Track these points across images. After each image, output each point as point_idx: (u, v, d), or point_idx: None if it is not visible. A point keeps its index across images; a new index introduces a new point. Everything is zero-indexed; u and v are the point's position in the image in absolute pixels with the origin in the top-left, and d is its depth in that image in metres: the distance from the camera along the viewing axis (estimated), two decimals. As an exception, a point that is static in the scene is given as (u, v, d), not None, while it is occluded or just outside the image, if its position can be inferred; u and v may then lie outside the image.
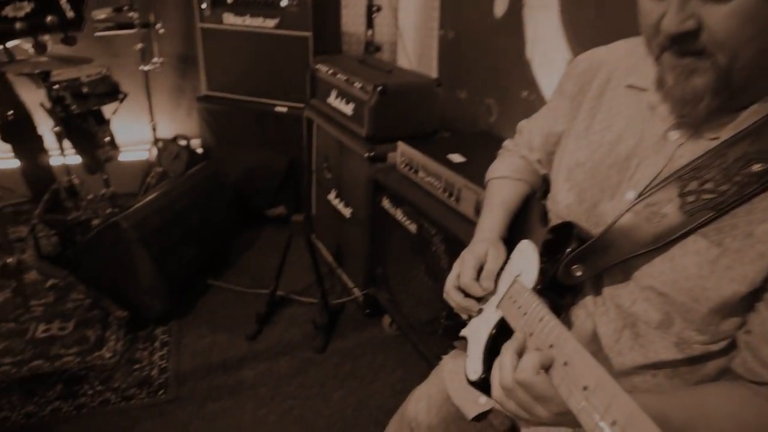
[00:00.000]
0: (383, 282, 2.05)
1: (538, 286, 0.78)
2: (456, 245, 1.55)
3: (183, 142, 3.02)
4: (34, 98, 2.49)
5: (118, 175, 2.82)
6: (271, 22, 2.52)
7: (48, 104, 2.40)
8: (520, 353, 0.68)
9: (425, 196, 1.70)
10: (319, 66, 2.29)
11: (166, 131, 3.13)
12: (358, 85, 2.00)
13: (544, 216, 0.97)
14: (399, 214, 1.81)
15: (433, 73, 2.80)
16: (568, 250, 0.77)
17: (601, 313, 0.80)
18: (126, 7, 2.40)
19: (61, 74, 2.39)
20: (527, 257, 0.85)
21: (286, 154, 2.71)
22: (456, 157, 1.71)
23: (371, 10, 2.85)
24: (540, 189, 1.09)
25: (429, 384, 1.14)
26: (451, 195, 1.60)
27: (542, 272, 0.79)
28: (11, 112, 2.24)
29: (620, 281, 0.77)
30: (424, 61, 3.04)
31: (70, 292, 2.29)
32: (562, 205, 0.89)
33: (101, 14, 2.39)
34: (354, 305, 2.29)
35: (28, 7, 0.82)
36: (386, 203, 1.88)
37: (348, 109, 2.09)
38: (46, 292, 2.30)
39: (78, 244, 2.13)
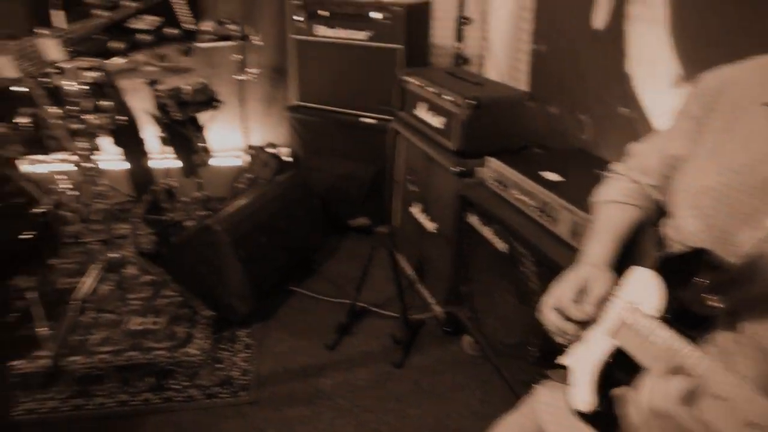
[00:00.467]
0: (466, 300, 2.00)
1: (666, 315, 0.72)
2: (549, 267, 1.48)
3: (272, 150, 3.12)
4: (138, 105, 2.68)
5: (209, 179, 2.96)
6: (362, 35, 2.56)
7: (153, 111, 2.57)
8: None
9: (517, 215, 1.64)
10: (408, 78, 2.28)
11: (256, 139, 3.25)
12: (448, 98, 1.98)
13: (659, 243, 0.91)
14: (487, 232, 1.76)
15: (523, 87, 2.72)
16: (701, 279, 0.71)
17: (737, 352, 0.73)
18: (227, 21, 2.52)
19: (165, 83, 2.54)
20: (646, 285, 0.79)
21: (372, 165, 2.72)
22: (551, 176, 1.64)
23: (461, 23, 2.83)
24: (654, 215, 1.01)
25: (520, 414, 1.09)
26: (546, 215, 1.53)
27: (669, 301, 0.73)
28: (124, 117, 2.41)
29: (763, 317, 0.70)
30: (513, 74, 2.96)
31: (164, 289, 2.41)
32: (686, 232, 0.82)
33: (205, 27, 2.52)
34: (433, 321, 2.25)
35: (153, 21, 0.86)
36: (474, 220, 1.83)
37: (437, 122, 2.07)
38: (142, 288, 2.43)
39: (173, 244, 2.23)
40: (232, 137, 3.20)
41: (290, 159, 3.07)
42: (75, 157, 2.19)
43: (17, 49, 0.85)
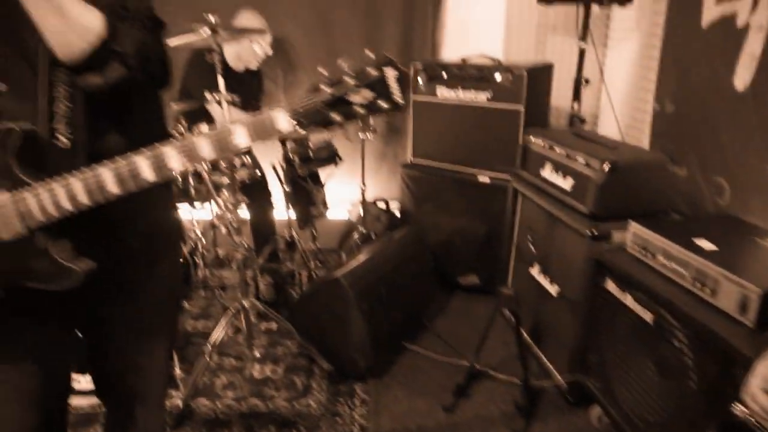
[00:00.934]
0: (595, 369, 1.89)
1: None
2: (708, 343, 1.37)
3: (382, 205, 3.20)
4: (266, 159, 2.87)
5: (322, 231, 3.08)
6: (483, 96, 2.61)
7: (282, 165, 2.73)
8: None
9: (666, 284, 1.55)
10: (532, 138, 2.28)
11: (367, 194, 3.35)
12: (581, 160, 1.95)
13: None
14: (628, 300, 1.67)
15: (645, 147, 2.64)
16: None
17: None
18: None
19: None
20: None
21: (484, 223, 2.71)
22: (704, 243, 1.54)
23: (579, 83, 2.82)
24: None
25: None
26: (703, 286, 1.43)
27: None
28: (258, 172, 2.59)
29: None
30: (632, 133, 2.88)
31: (282, 338, 2.48)
32: None
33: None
34: (555, 389, 2.13)
35: (368, 95, 0.92)
36: (611, 286, 1.75)
37: (566, 183, 2.04)
38: (261, 335, 2.52)
39: (299, 294, 2.31)
40: (345, 191, 3.32)
41: (400, 214, 3.13)
42: (217, 208, 2.36)
43: (252, 120, 0.94)
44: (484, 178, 2.70)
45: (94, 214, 0.98)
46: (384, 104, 0.94)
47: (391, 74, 0.94)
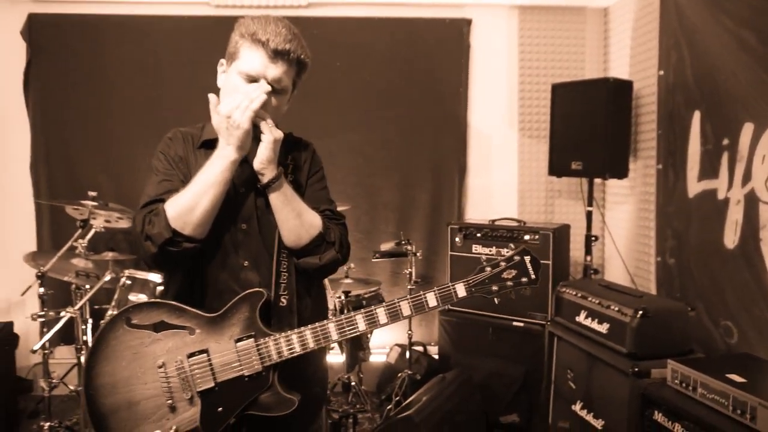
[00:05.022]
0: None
1: None
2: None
3: (420, 348, 3.49)
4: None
5: (365, 373, 3.31)
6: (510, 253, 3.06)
7: (335, 310, 3.06)
8: None
9: (710, 413, 1.85)
10: (565, 290, 2.69)
11: (403, 337, 3.64)
12: (614, 307, 2.34)
13: None
14: (677, 429, 1.95)
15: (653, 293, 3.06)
16: None
17: None
18: (403, 241, 3.13)
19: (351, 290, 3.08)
20: None
21: (521, 364, 3.00)
22: (734, 377, 1.88)
23: (589, 240, 3.33)
24: None
25: None
26: (743, 413, 1.74)
27: None
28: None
29: None
30: (640, 282, 3.33)
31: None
32: None
33: (386, 246, 3.13)
34: None
35: (514, 273, 1.33)
36: (660, 417, 2.04)
37: (602, 327, 2.41)
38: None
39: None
40: (384, 335, 3.61)
41: (439, 357, 3.40)
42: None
43: (441, 289, 1.33)
44: (518, 323, 3.06)
45: (299, 358, 1.32)
46: (524, 279, 1.34)
47: (527, 259, 1.35)
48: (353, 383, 3.04)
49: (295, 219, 1.35)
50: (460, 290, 1.34)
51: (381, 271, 3.66)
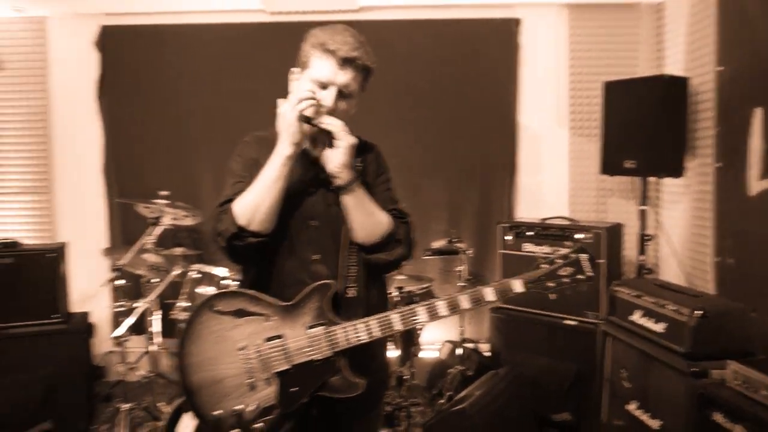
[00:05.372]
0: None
1: None
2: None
3: (471, 345, 3.53)
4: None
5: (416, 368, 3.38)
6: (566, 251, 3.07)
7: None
8: None
9: (772, 414, 1.84)
10: (619, 288, 2.69)
11: (454, 334, 3.69)
12: (671, 307, 2.33)
13: None
14: (739, 430, 1.94)
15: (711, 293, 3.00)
16: None
17: None
18: (454, 239, 3.19)
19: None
20: None
21: (573, 362, 3.01)
22: (798, 379, 1.85)
23: (643, 239, 3.29)
24: None
25: None
26: (808, 415, 1.72)
27: None
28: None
29: None
30: (696, 282, 3.27)
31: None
32: None
33: (437, 244, 3.20)
34: None
35: (571, 270, 1.39)
36: (719, 418, 2.02)
37: (658, 327, 2.40)
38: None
39: (425, 424, 2.58)
40: (436, 331, 3.68)
41: (489, 354, 3.45)
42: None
43: (499, 284, 1.39)
44: (570, 322, 3.06)
45: (364, 347, 1.41)
46: (580, 276, 1.38)
47: (583, 257, 1.40)
48: (406, 377, 3.11)
49: (367, 218, 1.45)
50: (517, 285, 1.40)
51: (431, 269, 3.73)
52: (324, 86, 1.46)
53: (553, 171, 3.88)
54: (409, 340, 3.17)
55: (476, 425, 2.37)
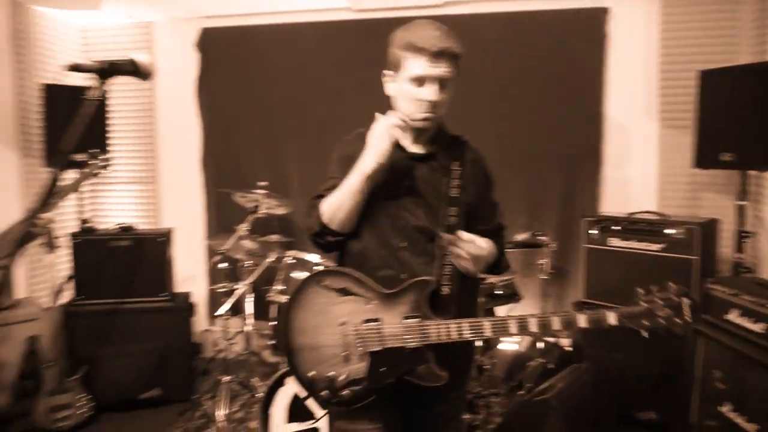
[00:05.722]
0: None
1: None
2: None
3: (551, 339, 3.53)
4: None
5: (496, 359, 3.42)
6: (655, 247, 3.00)
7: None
8: None
9: None
10: (714, 286, 2.60)
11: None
12: (773, 307, 2.23)
13: None
14: None
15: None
16: None
17: None
18: (537, 232, 3.19)
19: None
20: None
21: (660, 361, 2.94)
22: None
23: (741, 236, 3.14)
24: None
25: None
26: None
27: None
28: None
29: None
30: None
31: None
32: None
33: (520, 236, 3.22)
34: None
35: (669, 313, 1.41)
36: (825, 422, 1.94)
37: (757, 327, 2.31)
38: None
39: (506, 413, 2.63)
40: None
41: (571, 349, 3.42)
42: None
43: (592, 314, 1.43)
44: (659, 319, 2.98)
45: (452, 345, 1.49)
46: (677, 320, 1.38)
47: (685, 302, 1.40)
48: (486, 366, 3.16)
49: (478, 264, 1.57)
50: (611, 318, 1.44)
51: (512, 261, 3.72)
52: (422, 82, 1.54)
53: (641, 164, 3.76)
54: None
55: (558, 416, 2.39)
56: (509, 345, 3.68)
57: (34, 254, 3.91)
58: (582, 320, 1.45)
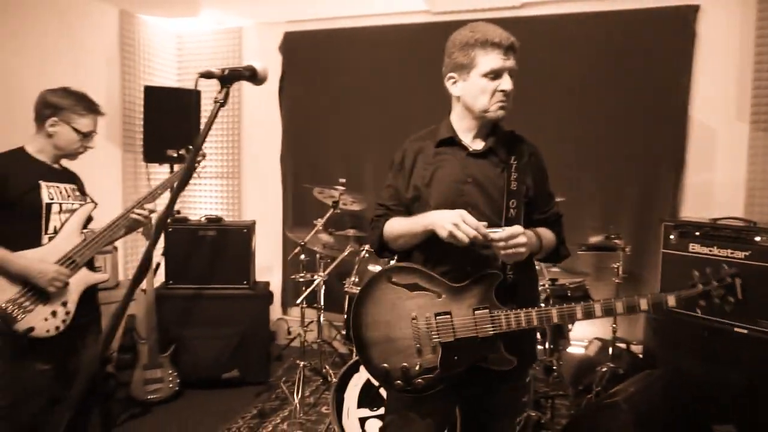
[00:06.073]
0: None
1: None
2: None
3: (622, 345, 3.45)
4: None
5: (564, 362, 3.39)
6: (740, 254, 2.87)
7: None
8: None
9: None
10: (803, 297, 2.47)
11: (605, 332, 3.62)
12: None
13: None
14: None
15: None
16: None
17: None
18: (612, 235, 3.14)
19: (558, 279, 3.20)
20: None
21: (742, 374, 2.81)
22: None
23: (839, 247, 2.93)
24: None
25: None
26: None
27: None
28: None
29: None
30: None
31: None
32: None
33: (595, 239, 3.18)
34: None
35: (722, 293, 1.43)
36: None
37: None
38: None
39: (574, 414, 2.63)
40: (585, 328, 3.65)
41: (643, 356, 3.34)
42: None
43: (653, 296, 1.47)
44: (741, 330, 2.86)
45: (515, 333, 1.54)
46: (731, 299, 1.39)
47: (738, 281, 1.41)
48: (555, 366, 3.15)
49: (540, 251, 1.65)
50: (671, 300, 1.46)
51: (584, 264, 3.69)
52: (497, 76, 1.60)
53: (728, 168, 3.59)
54: (559, 333, 3.21)
55: (627, 420, 2.36)
56: (576, 348, 3.64)
57: (133, 240, 4.29)
58: (644, 303, 1.47)
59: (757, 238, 2.81)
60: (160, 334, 3.47)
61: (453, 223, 1.49)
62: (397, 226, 1.71)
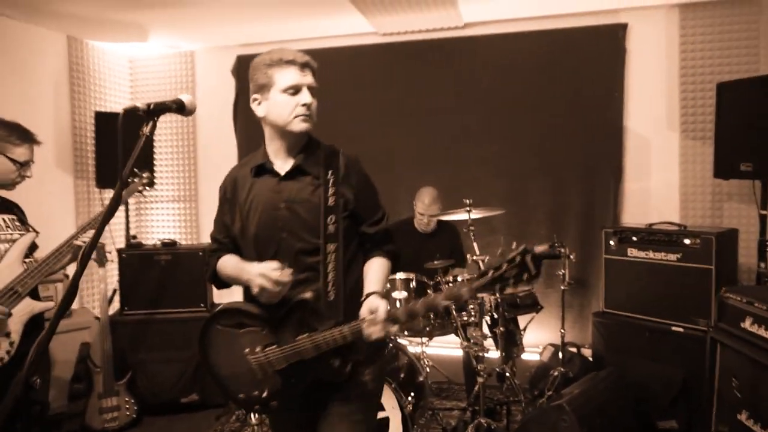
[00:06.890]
0: None
1: None
2: None
3: (573, 349, 3.58)
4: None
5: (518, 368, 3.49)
6: (673, 257, 3.04)
7: (491, 309, 3.31)
8: None
9: None
10: (729, 295, 2.63)
11: (555, 338, 3.75)
12: (784, 314, 2.26)
13: None
14: None
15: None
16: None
17: None
18: (557, 244, 3.28)
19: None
20: None
21: (680, 370, 2.96)
22: None
23: (764, 246, 3.14)
24: None
25: None
26: None
27: None
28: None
29: None
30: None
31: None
32: None
33: (540, 248, 3.31)
34: None
35: (515, 272, 1.44)
36: (834, 428, 1.96)
37: (769, 334, 2.33)
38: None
39: (525, 418, 2.72)
40: (538, 335, 3.77)
41: (592, 358, 3.47)
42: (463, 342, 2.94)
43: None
44: (677, 328, 3.02)
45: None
46: (525, 275, 1.41)
47: (527, 257, 1.42)
48: (507, 374, 3.24)
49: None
50: (465, 293, 1.49)
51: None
52: (296, 91, 1.67)
53: (663, 175, 3.80)
54: (510, 341, 3.31)
55: (573, 421, 2.47)
56: (531, 355, 3.75)
57: (87, 267, 4.23)
58: (440, 298, 1.52)
59: (687, 241, 2.99)
60: (116, 361, 3.43)
61: (257, 285, 1.57)
62: (227, 269, 1.76)
